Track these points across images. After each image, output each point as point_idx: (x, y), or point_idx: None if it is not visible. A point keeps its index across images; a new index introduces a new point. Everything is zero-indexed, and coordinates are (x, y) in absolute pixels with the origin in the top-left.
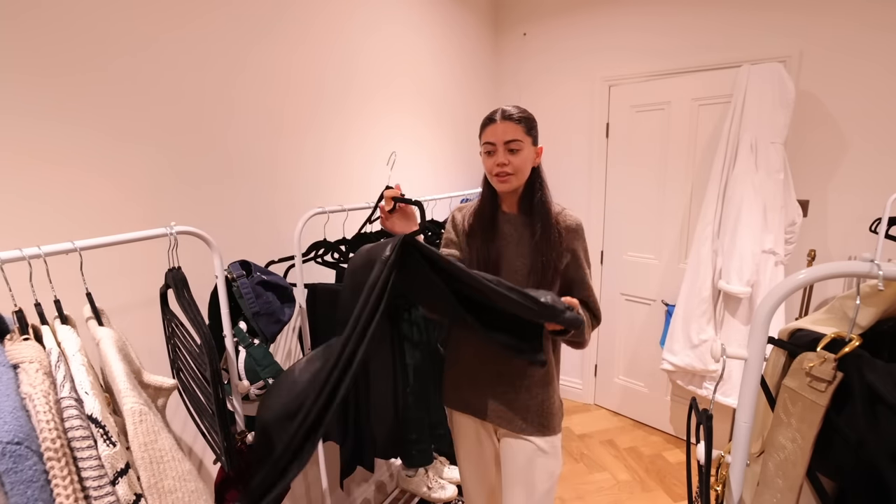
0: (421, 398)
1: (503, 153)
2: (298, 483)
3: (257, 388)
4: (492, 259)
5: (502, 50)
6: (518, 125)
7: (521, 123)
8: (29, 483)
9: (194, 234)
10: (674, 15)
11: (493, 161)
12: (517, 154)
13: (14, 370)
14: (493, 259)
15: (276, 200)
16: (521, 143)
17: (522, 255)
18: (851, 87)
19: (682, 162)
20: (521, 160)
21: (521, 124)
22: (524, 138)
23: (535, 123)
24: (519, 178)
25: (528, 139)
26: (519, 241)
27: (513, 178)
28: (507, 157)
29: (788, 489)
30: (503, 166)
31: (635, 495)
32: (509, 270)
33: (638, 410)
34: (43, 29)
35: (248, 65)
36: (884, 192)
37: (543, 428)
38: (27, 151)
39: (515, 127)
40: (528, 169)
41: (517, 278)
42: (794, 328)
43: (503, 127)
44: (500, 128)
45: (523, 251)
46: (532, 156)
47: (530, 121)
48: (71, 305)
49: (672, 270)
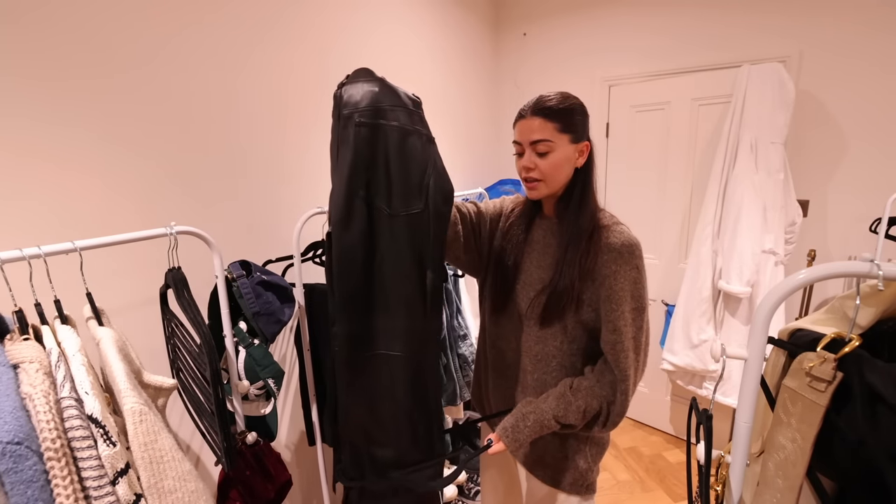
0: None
1: (530, 155)
2: (298, 483)
3: (257, 388)
4: (510, 268)
5: (502, 50)
6: (548, 121)
7: (552, 119)
8: (29, 483)
9: (194, 233)
10: (674, 15)
11: (520, 164)
12: (546, 157)
13: (14, 370)
14: (511, 268)
15: (276, 200)
16: (552, 144)
17: (542, 267)
18: (851, 87)
19: (682, 162)
20: (549, 164)
21: (553, 120)
22: (556, 137)
23: (578, 116)
24: (550, 186)
25: (564, 137)
26: (543, 251)
27: (541, 184)
28: (535, 159)
29: (788, 489)
30: (529, 171)
31: (635, 495)
32: (525, 283)
33: (638, 410)
34: (47, 31)
35: (248, 65)
36: (884, 192)
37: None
38: (28, 152)
39: (545, 124)
40: (562, 174)
41: (530, 294)
42: (794, 328)
43: (531, 124)
44: (527, 125)
45: (545, 262)
46: (570, 156)
47: (569, 114)
48: (71, 305)
49: (672, 270)
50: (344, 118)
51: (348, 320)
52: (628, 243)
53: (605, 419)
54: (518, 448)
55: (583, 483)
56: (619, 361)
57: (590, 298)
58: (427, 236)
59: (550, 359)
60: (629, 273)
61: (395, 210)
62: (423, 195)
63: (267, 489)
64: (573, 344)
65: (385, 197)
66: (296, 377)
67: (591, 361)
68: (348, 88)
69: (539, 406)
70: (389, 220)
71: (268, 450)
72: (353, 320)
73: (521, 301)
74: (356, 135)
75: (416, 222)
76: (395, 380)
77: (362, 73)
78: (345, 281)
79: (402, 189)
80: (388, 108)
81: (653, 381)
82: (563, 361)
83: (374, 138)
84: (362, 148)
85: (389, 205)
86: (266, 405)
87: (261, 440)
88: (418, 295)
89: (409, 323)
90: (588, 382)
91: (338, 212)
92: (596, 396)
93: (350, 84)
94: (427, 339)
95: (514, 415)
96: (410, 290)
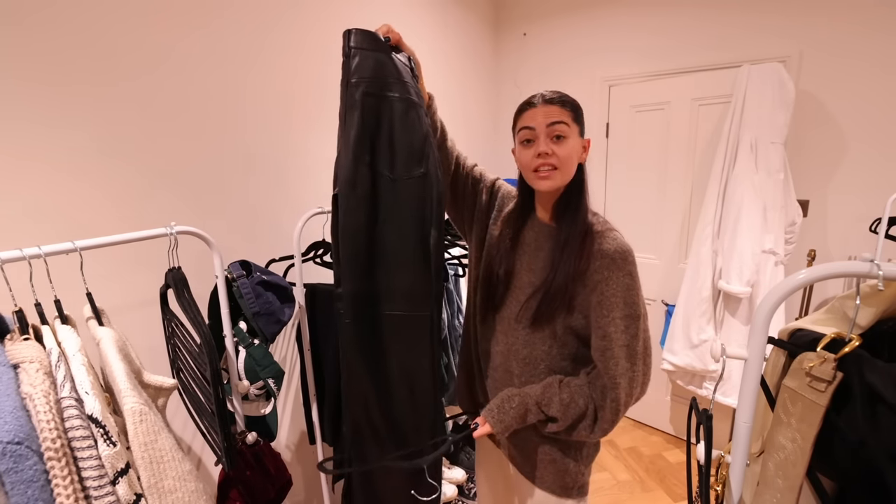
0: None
1: (546, 140)
2: (298, 482)
3: (257, 388)
4: (501, 273)
5: (502, 50)
6: (564, 109)
7: (566, 107)
8: (29, 483)
9: (194, 233)
10: (674, 15)
11: (531, 152)
12: (563, 142)
13: (14, 370)
14: (503, 274)
15: (277, 200)
16: (569, 129)
17: (533, 270)
18: (851, 87)
19: (682, 162)
20: (567, 150)
21: (568, 108)
22: (572, 125)
23: (581, 112)
24: (564, 175)
25: (576, 128)
26: (535, 254)
27: (557, 173)
28: (551, 145)
29: (788, 489)
30: (546, 157)
31: (635, 495)
32: (517, 287)
33: (638, 410)
34: (52, 33)
35: (250, 67)
36: (884, 192)
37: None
38: (28, 152)
39: (561, 110)
40: (573, 165)
41: (520, 298)
42: (794, 328)
43: (546, 110)
44: (541, 111)
45: (537, 265)
46: (578, 149)
47: (577, 108)
48: (71, 305)
49: (672, 270)
50: (352, 86)
51: (352, 280)
52: (621, 249)
53: (592, 423)
54: (504, 430)
55: (574, 486)
56: (609, 368)
57: (581, 304)
58: (429, 197)
59: (538, 362)
60: (622, 279)
61: (398, 175)
62: (425, 161)
63: (267, 489)
64: (563, 349)
65: (388, 163)
66: (296, 377)
67: (581, 367)
68: (357, 57)
69: (524, 391)
70: (392, 183)
71: (268, 450)
72: (357, 279)
73: (511, 304)
74: (363, 104)
75: (418, 185)
76: (399, 338)
77: (368, 39)
78: (350, 242)
79: (404, 156)
80: (393, 80)
81: (653, 381)
82: (551, 365)
83: (379, 108)
84: (369, 117)
85: (392, 171)
86: (266, 405)
87: (261, 440)
88: (420, 255)
89: (412, 282)
90: (578, 381)
91: (344, 175)
92: (583, 395)
93: (359, 52)
94: (430, 298)
95: (499, 397)
96: (413, 250)
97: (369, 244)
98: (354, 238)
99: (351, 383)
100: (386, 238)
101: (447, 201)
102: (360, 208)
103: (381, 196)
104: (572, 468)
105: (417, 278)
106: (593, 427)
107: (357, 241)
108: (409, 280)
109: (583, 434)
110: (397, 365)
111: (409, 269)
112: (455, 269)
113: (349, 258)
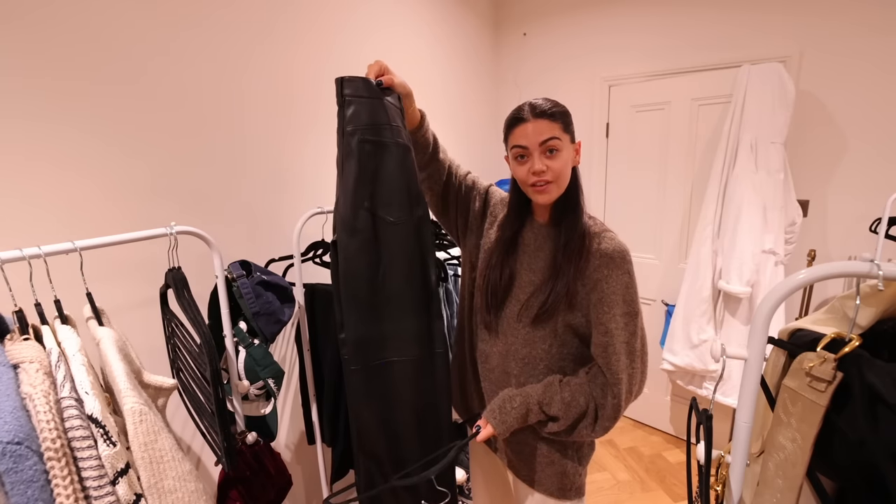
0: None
1: (540, 158)
2: (298, 482)
3: (257, 388)
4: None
5: (502, 49)
6: (554, 122)
7: (557, 119)
8: (29, 483)
9: (194, 233)
10: (674, 15)
11: (526, 168)
12: (557, 156)
13: (14, 370)
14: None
15: (276, 200)
16: (560, 142)
17: (533, 270)
18: (851, 87)
19: (682, 162)
20: (561, 164)
21: (558, 120)
22: (563, 136)
23: (570, 116)
24: (560, 186)
25: (566, 136)
26: (535, 254)
27: (553, 186)
28: (545, 161)
29: (788, 489)
30: (541, 174)
31: (635, 495)
32: (518, 287)
33: (638, 410)
34: (50, 31)
35: (248, 66)
36: (884, 193)
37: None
38: (28, 152)
39: (551, 124)
40: (569, 173)
41: (521, 298)
42: (794, 328)
43: (536, 126)
44: (532, 127)
45: (537, 265)
46: (572, 155)
47: (566, 115)
48: (71, 305)
49: (672, 270)
50: (348, 135)
51: (356, 326)
52: (619, 249)
53: (594, 421)
54: (506, 431)
55: (572, 487)
56: (611, 364)
57: (580, 303)
58: (428, 237)
59: (538, 362)
60: (621, 277)
61: (398, 219)
62: (421, 201)
63: (267, 489)
64: (563, 348)
65: (387, 207)
66: (296, 377)
67: (579, 367)
68: (351, 106)
69: (525, 390)
70: (392, 227)
71: (268, 450)
72: (362, 325)
73: (512, 304)
74: (359, 151)
75: (418, 226)
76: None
77: (361, 86)
78: (352, 287)
79: (403, 199)
80: (386, 126)
81: (653, 381)
82: (550, 365)
83: (375, 154)
84: (366, 163)
85: (392, 214)
86: (266, 405)
87: (261, 440)
88: (425, 296)
89: (419, 324)
90: (578, 380)
91: (343, 221)
92: (584, 394)
93: (353, 101)
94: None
95: (500, 398)
96: (418, 292)
97: (373, 289)
98: (357, 283)
99: (362, 439)
100: (390, 282)
101: (438, 210)
102: (363, 253)
103: (382, 240)
104: (570, 469)
105: (424, 319)
106: (594, 426)
107: (360, 285)
108: (416, 323)
109: (583, 433)
110: (410, 411)
111: (415, 311)
112: (455, 269)
113: (352, 304)
